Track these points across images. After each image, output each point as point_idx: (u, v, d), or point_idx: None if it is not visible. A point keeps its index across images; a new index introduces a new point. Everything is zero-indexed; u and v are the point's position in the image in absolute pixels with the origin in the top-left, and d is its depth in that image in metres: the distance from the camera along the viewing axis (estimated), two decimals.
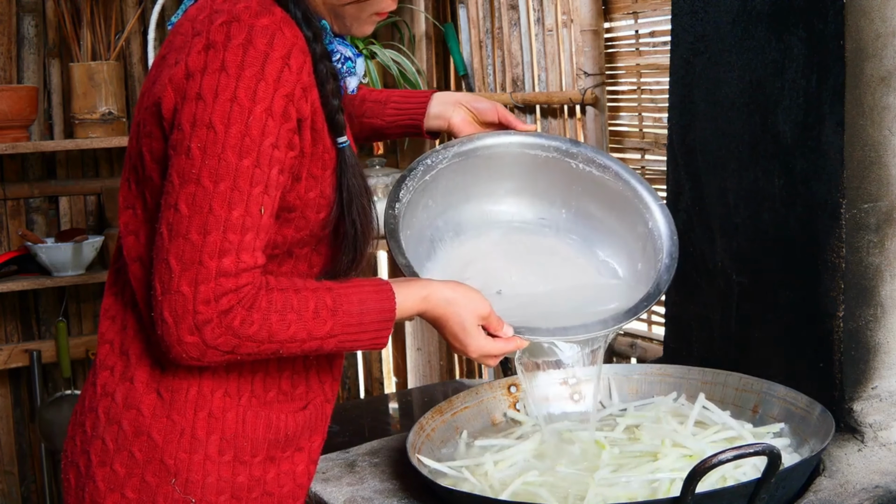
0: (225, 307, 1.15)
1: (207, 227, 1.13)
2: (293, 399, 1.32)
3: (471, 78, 3.43)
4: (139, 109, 1.24)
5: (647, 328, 2.84)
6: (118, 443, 1.26)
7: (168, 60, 1.19)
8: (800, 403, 1.46)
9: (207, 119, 1.12)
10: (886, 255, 1.51)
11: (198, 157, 1.13)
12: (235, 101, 1.12)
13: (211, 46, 1.13)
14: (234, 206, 1.14)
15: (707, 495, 1.18)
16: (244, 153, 1.14)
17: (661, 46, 2.66)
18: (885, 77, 1.48)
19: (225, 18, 1.14)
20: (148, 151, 1.20)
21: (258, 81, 1.13)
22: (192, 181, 1.13)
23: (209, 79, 1.12)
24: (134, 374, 1.26)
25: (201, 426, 1.25)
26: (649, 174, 2.76)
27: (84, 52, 3.08)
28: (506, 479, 1.37)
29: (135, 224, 1.25)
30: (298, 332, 1.20)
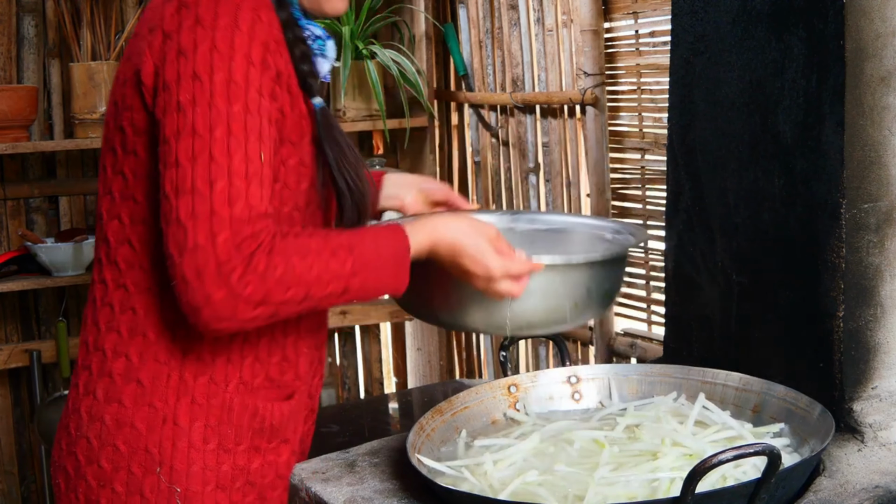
0: (247, 253, 1.12)
1: (212, 175, 1.11)
2: (280, 387, 1.32)
3: (471, 78, 3.43)
4: (115, 89, 1.24)
5: (647, 328, 2.84)
6: (102, 438, 1.26)
7: (141, 32, 1.20)
8: (800, 403, 1.46)
9: (191, 71, 1.13)
10: (886, 255, 1.51)
11: (189, 109, 1.13)
12: (215, 49, 1.13)
13: (183, 6, 1.15)
14: (233, 152, 1.12)
15: (707, 495, 1.18)
16: (233, 99, 1.13)
17: (661, 46, 2.66)
18: (885, 77, 1.48)
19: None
20: (129, 125, 1.20)
21: (233, 31, 1.14)
22: (187, 133, 1.12)
23: (186, 35, 1.14)
24: (111, 367, 1.26)
25: (183, 413, 1.24)
26: (649, 174, 2.76)
27: (84, 52, 3.08)
28: (505, 479, 1.37)
29: (116, 208, 1.24)
30: (322, 273, 1.17)
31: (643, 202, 2.80)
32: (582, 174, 3.01)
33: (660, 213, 2.70)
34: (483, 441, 1.51)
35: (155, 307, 1.24)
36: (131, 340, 1.25)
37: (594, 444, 1.45)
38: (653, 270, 2.80)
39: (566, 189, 3.03)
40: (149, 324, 1.24)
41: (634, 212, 2.83)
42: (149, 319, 1.24)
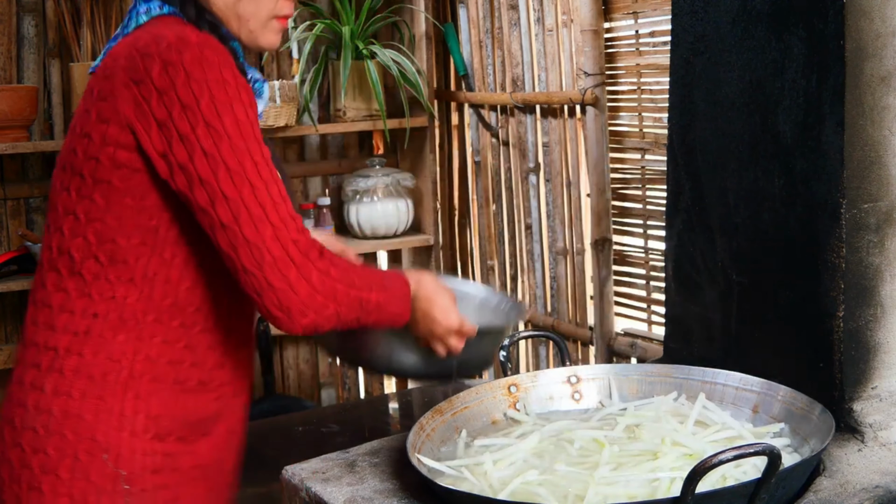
0: (314, 255, 1.36)
1: (260, 200, 1.32)
2: (210, 390, 1.47)
3: (471, 78, 3.43)
4: (87, 123, 1.37)
5: (647, 328, 2.84)
6: (49, 428, 1.38)
7: (119, 79, 1.33)
8: (800, 403, 1.46)
9: (201, 120, 1.30)
10: (886, 255, 1.51)
11: (214, 152, 1.30)
12: (215, 99, 1.30)
13: (170, 64, 1.30)
14: (264, 177, 1.33)
15: (707, 495, 1.18)
16: (245, 137, 1.32)
17: (661, 46, 2.66)
18: (885, 77, 1.48)
19: (170, 41, 1.32)
20: (108, 159, 1.35)
21: (223, 83, 1.31)
22: (222, 170, 1.30)
23: (183, 90, 1.30)
24: (63, 364, 1.39)
25: (130, 405, 1.39)
26: (649, 174, 2.76)
27: (84, 52, 3.08)
28: (505, 479, 1.37)
29: (80, 228, 1.39)
30: (360, 279, 1.42)
31: (643, 202, 2.80)
32: (582, 174, 3.01)
33: (660, 213, 2.70)
34: (483, 441, 1.51)
35: (115, 312, 1.39)
36: (87, 340, 1.39)
37: (594, 443, 1.45)
38: (653, 270, 2.80)
39: (566, 189, 3.03)
40: (107, 326, 1.39)
41: (634, 212, 2.83)
42: (107, 323, 1.39)
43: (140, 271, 1.38)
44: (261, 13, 1.45)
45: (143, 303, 1.39)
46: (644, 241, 2.82)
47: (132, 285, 1.38)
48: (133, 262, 1.38)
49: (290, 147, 3.50)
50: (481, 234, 3.53)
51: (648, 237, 2.80)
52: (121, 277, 1.38)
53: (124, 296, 1.39)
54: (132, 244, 1.37)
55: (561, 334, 3.03)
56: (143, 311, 1.39)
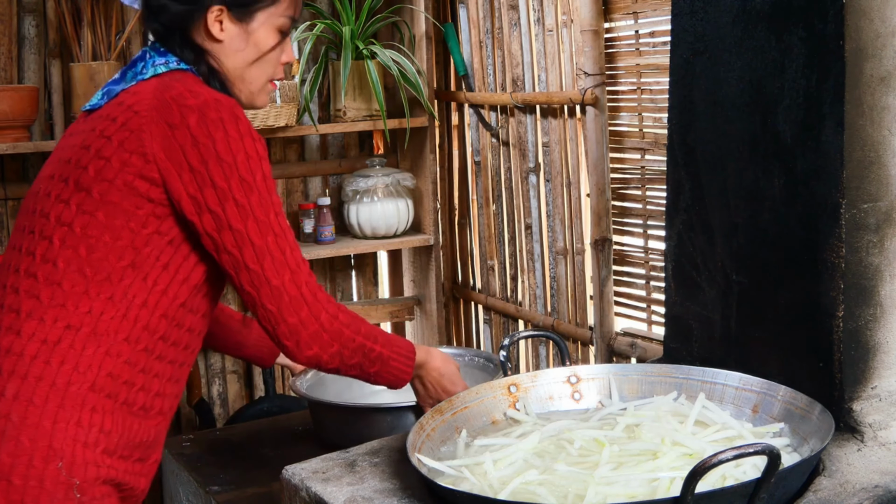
0: (323, 297, 1.53)
1: (281, 246, 1.49)
2: (150, 416, 1.54)
3: (471, 78, 3.43)
4: (106, 146, 1.46)
5: (647, 328, 2.84)
6: (5, 434, 1.41)
7: (150, 117, 1.46)
8: (800, 403, 1.46)
9: (237, 175, 1.45)
10: (886, 255, 1.51)
11: (245, 204, 1.46)
12: (249, 157, 1.46)
13: (208, 119, 1.44)
14: (283, 227, 1.50)
15: (707, 495, 1.18)
16: (269, 191, 1.49)
17: (661, 46, 2.66)
18: (885, 77, 1.48)
19: (205, 98, 1.46)
20: (124, 184, 1.45)
21: (254, 143, 1.47)
22: (251, 220, 1.47)
23: (222, 145, 1.44)
24: (28, 370, 1.43)
25: (86, 418, 1.44)
26: (649, 174, 2.76)
27: (85, 53, 3.08)
28: (505, 478, 1.37)
29: (53, 252, 1.46)
30: (367, 329, 1.60)
31: (643, 202, 2.80)
32: (582, 174, 3.01)
33: (660, 213, 2.70)
34: (483, 440, 1.51)
35: (90, 326, 1.45)
36: (56, 349, 1.43)
37: (594, 443, 1.45)
38: (653, 270, 2.80)
39: (566, 189, 3.03)
40: (78, 338, 1.45)
41: (634, 212, 2.83)
42: (78, 335, 1.45)
43: (121, 291, 1.46)
44: (263, 77, 1.61)
45: (118, 321, 1.46)
46: (644, 241, 2.82)
47: (111, 303, 1.46)
48: (117, 282, 1.46)
49: (290, 147, 3.50)
50: (481, 234, 3.53)
51: (648, 237, 2.80)
52: (101, 294, 1.45)
53: (101, 311, 1.45)
54: (121, 265, 1.46)
55: (561, 334, 3.03)
56: (116, 329, 1.46)
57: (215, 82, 1.57)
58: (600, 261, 2.88)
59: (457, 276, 3.71)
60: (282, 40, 1.61)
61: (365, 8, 3.24)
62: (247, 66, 1.59)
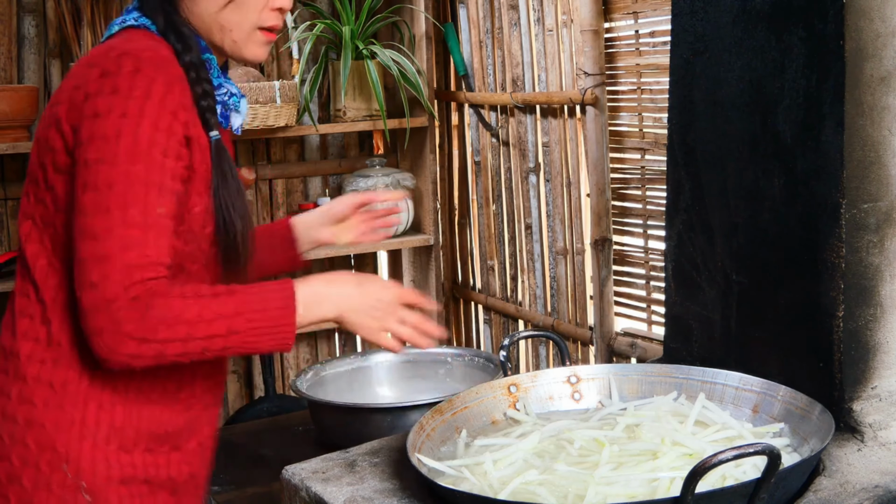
0: (132, 294, 1.27)
1: (109, 225, 1.28)
2: (177, 401, 1.45)
3: (471, 78, 3.43)
4: (42, 127, 1.39)
5: (647, 328, 2.84)
6: (14, 437, 1.38)
7: (67, 85, 1.36)
8: (800, 403, 1.46)
9: (102, 132, 1.29)
10: (886, 255, 1.51)
11: (94, 167, 1.29)
12: (125, 116, 1.29)
13: (106, 73, 1.31)
14: (129, 205, 1.28)
15: (707, 495, 1.18)
16: (135, 160, 1.29)
17: (661, 46, 2.66)
18: (885, 77, 1.48)
19: (118, 52, 1.33)
20: (51, 164, 1.36)
21: (144, 100, 1.30)
22: (91, 188, 1.29)
23: (103, 100, 1.29)
24: (26, 371, 1.38)
25: (91, 416, 1.37)
26: (649, 174, 2.76)
27: (84, 52, 3.08)
28: (505, 478, 1.37)
29: (36, 233, 1.39)
30: (203, 311, 1.30)
31: (643, 202, 2.80)
32: (582, 174, 3.01)
33: (660, 213, 2.70)
34: (483, 440, 1.51)
35: (68, 321, 1.38)
36: (48, 349, 1.38)
37: (594, 443, 1.45)
38: (653, 270, 2.80)
39: (566, 189, 3.03)
40: (63, 335, 1.38)
41: (634, 212, 2.83)
42: (62, 332, 1.38)
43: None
44: (245, 23, 1.41)
45: None
46: (644, 241, 2.82)
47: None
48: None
49: (290, 147, 3.50)
50: (481, 234, 3.53)
51: (648, 237, 2.80)
52: (70, 285, 1.35)
53: (74, 304, 1.34)
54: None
55: (561, 334, 3.03)
56: None
57: (173, 36, 1.39)
58: (600, 261, 2.88)
59: (457, 276, 3.71)
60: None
61: (365, 8, 3.24)
62: (219, 9, 1.40)
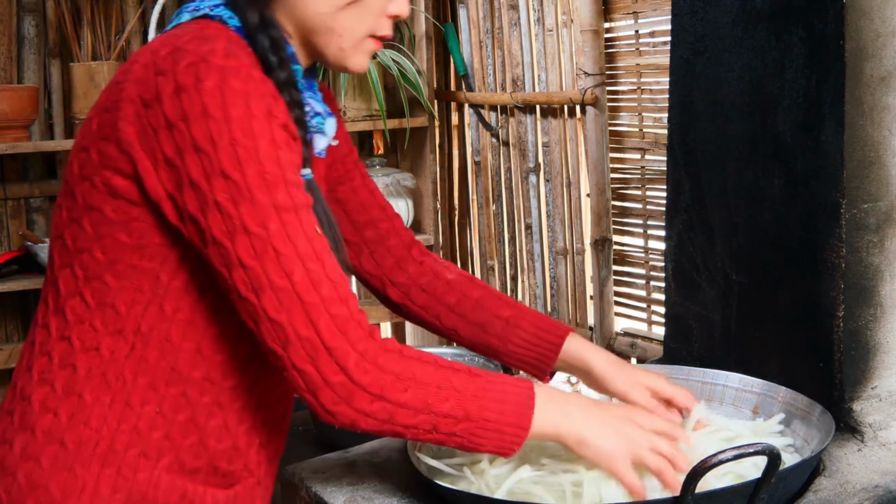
0: (355, 338, 1.09)
1: (285, 269, 1.07)
2: (223, 475, 1.21)
3: (471, 78, 3.43)
4: (88, 135, 1.14)
5: (647, 328, 2.84)
6: (11, 495, 1.14)
7: (128, 93, 1.10)
8: (800, 405, 1.46)
9: (218, 170, 1.05)
10: (886, 255, 1.51)
11: (232, 209, 1.06)
12: (237, 143, 1.05)
13: (182, 90, 1.05)
14: (294, 239, 1.08)
15: (707, 495, 1.18)
16: (271, 188, 1.07)
17: (661, 46, 2.66)
18: (885, 77, 1.48)
19: (191, 59, 1.06)
20: (103, 184, 1.11)
21: (251, 120, 1.06)
22: (240, 233, 1.06)
23: (196, 128, 1.05)
24: (35, 422, 1.14)
25: (106, 483, 1.13)
26: (649, 174, 2.76)
27: (84, 53, 3.08)
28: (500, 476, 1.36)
29: (68, 256, 1.15)
30: (443, 383, 1.13)
31: (643, 202, 2.80)
32: (582, 174, 3.01)
33: (660, 213, 2.70)
34: None
35: (97, 369, 1.14)
36: (64, 398, 1.14)
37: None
38: (653, 270, 2.80)
39: (566, 189, 3.03)
40: (87, 385, 1.14)
41: (634, 212, 2.83)
42: (89, 381, 1.14)
43: (132, 323, 1.13)
44: (359, 29, 1.20)
45: (134, 362, 1.13)
46: (644, 241, 2.82)
47: (121, 338, 1.13)
48: (125, 312, 1.13)
49: None
50: (481, 234, 3.53)
51: (648, 237, 2.80)
52: (108, 327, 1.13)
53: (111, 350, 1.13)
54: (124, 287, 1.13)
55: None
56: (134, 372, 1.14)
57: (264, 38, 1.15)
58: (600, 261, 2.88)
59: None
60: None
61: None
62: (337, 10, 1.18)
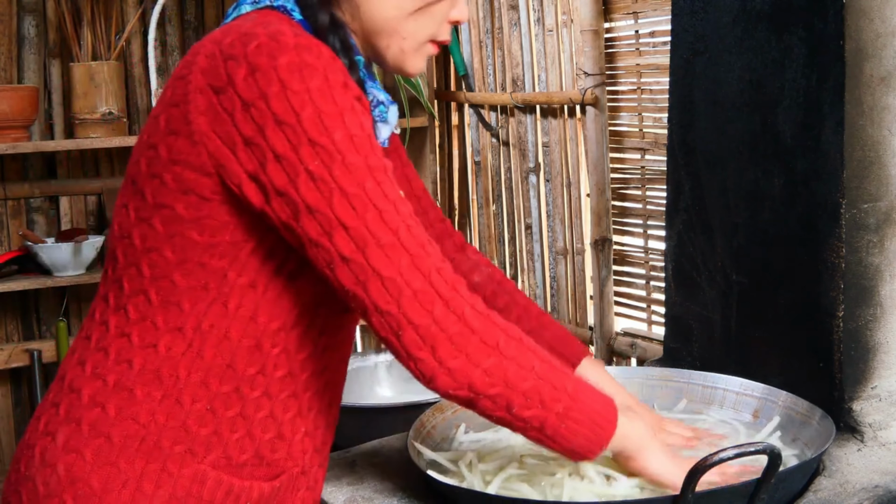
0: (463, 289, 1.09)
1: (389, 225, 1.06)
2: (268, 465, 1.20)
3: (471, 78, 3.43)
4: (155, 132, 1.13)
5: (647, 328, 2.84)
6: (49, 487, 1.13)
7: (195, 83, 1.09)
8: (800, 408, 1.46)
9: (305, 139, 1.04)
10: (886, 255, 1.51)
11: (325, 174, 1.05)
12: (321, 112, 1.04)
13: (257, 70, 1.04)
14: (390, 196, 1.07)
15: (707, 494, 1.18)
16: (361, 150, 1.06)
17: (661, 46, 2.66)
18: (885, 77, 1.48)
19: (260, 41, 1.05)
20: (174, 180, 1.10)
21: (330, 90, 1.05)
22: (338, 195, 1.05)
23: (277, 103, 1.04)
24: (82, 415, 1.14)
25: (150, 479, 1.12)
26: (649, 174, 2.76)
27: (84, 53, 3.08)
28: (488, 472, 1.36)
29: (135, 256, 1.15)
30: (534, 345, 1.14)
31: (643, 202, 2.80)
32: (582, 174, 3.01)
33: (660, 213, 2.70)
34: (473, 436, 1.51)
35: (152, 365, 1.14)
36: (115, 393, 1.14)
37: None
38: (653, 270, 2.80)
39: (566, 189, 3.03)
40: (139, 381, 1.14)
41: (634, 212, 2.83)
42: (141, 377, 1.14)
43: (193, 321, 1.13)
44: (422, 33, 1.21)
45: (189, 359, 1.13)
46: (644, 241, 2.82)
47: (180, 336, 1.13)
48: (188, 309, 1.12)
49: None
50: (481, 234, 3.53)
51: (648, 237, 2.80)
52: (169, 324, 1.13)
53: (168, 347, 1.13)
54: (191, 286, 1.12)
55: None
56: (188, 369, 1.13)
57: (335, 39, 1.15)
58: (600, 261, 2.88)
59: None
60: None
61: None
62: (406, 15, 1.18)
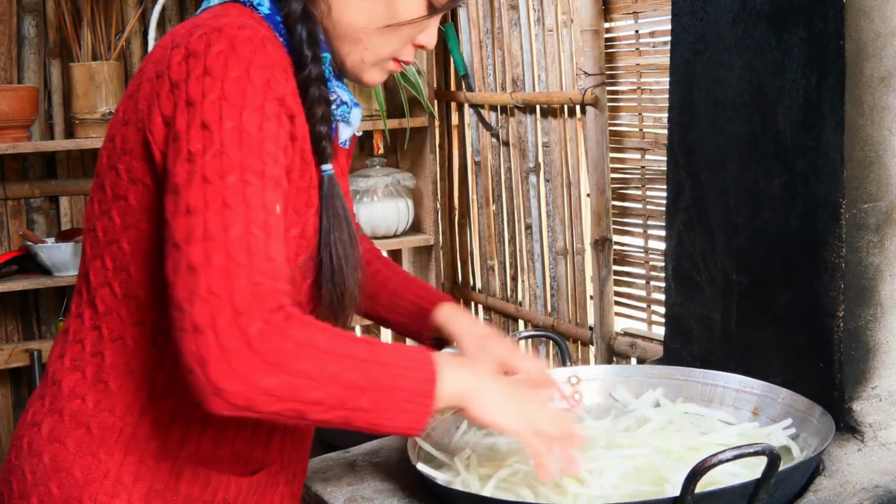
0: (267, 308, 1.00)
1: (226, 221, 1.01)
2: (247, 462, 1.20)
3: (471, 78, 3.43)
4: (114, 124, 1.16)
5: (647, 328, 2.84)
6: (37, 476, 1.17)
7: (147, 73, 1.13)
8: (800, 406, 1.46)
9: (199, 120, 1.04)
10: (886, 255, 1.51)
11: (199, 157, 1.03)
12: (224, 99, 1.04)
13: (191, 55, 1.07)
14: (249, 201, 1.03)
15: (706, 495, 1.18)
16: (244, 147, 1.04)
17: (661, 46, 2.66)
18: (885, 77, 1.48)
19: (205, 30, 1.08)
20: (125, 170, 1.12)
21: (245, 83, 1.05)
22: (198, 181, 1.02)
23: (194, 85, 1.05)
24: (63, 406, 1.17)
25: (129, 471, 1.15)
26: (649, 174, 2.76)
27: (84, 52, 3.08)
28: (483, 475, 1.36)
29: (99, 248, 1.16)
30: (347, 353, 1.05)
31: (643, 202, 2.80)
32: (582, 174, 3.01)
33: (660, 213, 2.70)
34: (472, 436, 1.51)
35: (123, 358, 1.16)
36: (92, 385, 1.16)
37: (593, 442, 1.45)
38: (653, 270, 2.80)
39: (566, 189, 3.03)
40: (112, 374, 1.16)
41: (634, 212, 2.83)
42: (114, 369, 1.16)
43: (153, 317, 1.13)
44: (385, 49, 1.21)
45: (156, 355, 1.14)
46: (644, 241, 2.82)
47: (143, 330, 1.14)
48: (147, 303, 1.13)
49: None
50: (481, 234, 3.53)
51: (648, 237, 2.80)
52: (133, 317, 1.14)
53: (135, 341, 1.14)
54: (144, 278, 1.13)
55: (561, 334, 3.03)
56: (156, 364, 1.14)
57: (303, 29, 1.15)
58: (600, 261, 2.88)
59: (457, 276, 3.71)
60: (428, 15, 1.20)
61: None
62: (374, 29, 1.18)
